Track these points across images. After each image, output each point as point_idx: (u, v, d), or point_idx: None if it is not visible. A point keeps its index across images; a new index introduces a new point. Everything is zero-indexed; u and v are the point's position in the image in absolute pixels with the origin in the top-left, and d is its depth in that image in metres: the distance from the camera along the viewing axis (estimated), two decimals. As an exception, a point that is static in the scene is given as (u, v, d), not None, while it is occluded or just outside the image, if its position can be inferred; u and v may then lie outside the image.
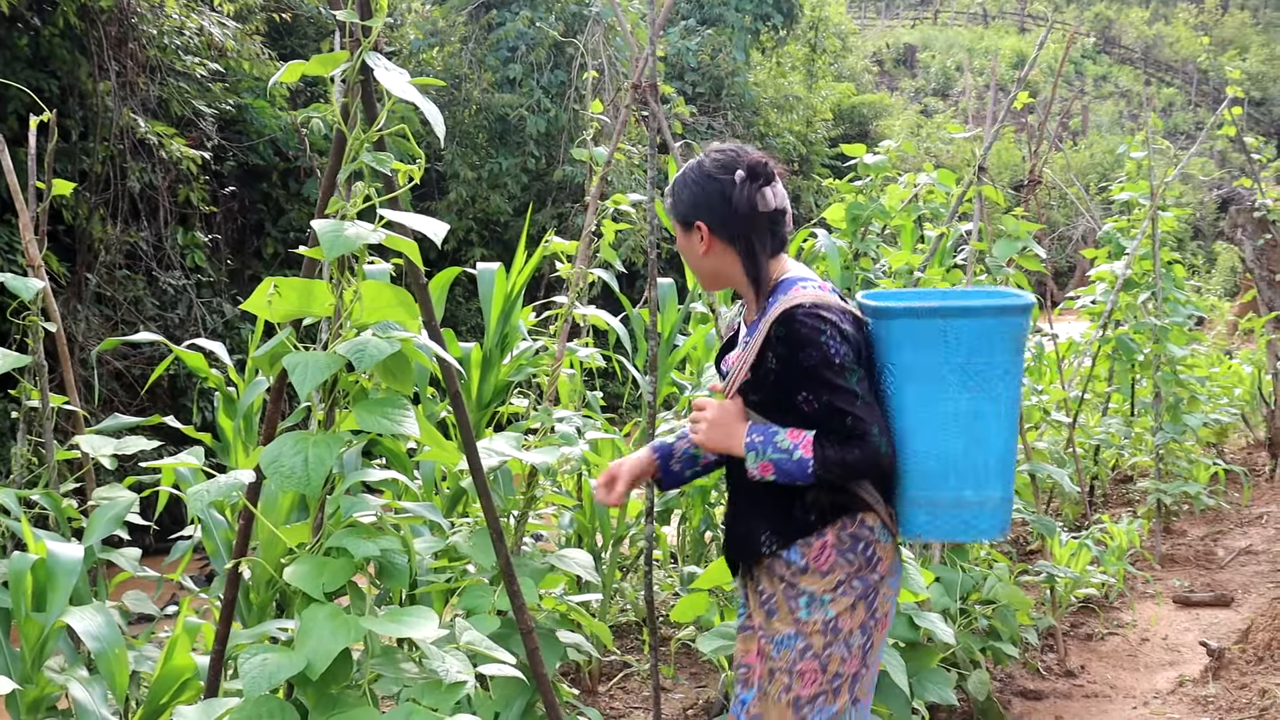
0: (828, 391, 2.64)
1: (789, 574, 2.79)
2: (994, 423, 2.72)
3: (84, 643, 3.10)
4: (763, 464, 2.70)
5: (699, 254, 2.86)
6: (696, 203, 2.83)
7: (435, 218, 2.46)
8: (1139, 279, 7.89)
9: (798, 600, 2.77)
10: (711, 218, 2.81)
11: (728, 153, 2.85)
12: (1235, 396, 10.62)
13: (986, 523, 2.78)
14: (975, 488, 2.74)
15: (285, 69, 2.46)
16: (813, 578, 2.76)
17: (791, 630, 2.78)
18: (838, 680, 2.79)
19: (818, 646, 2.77)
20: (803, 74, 25.85)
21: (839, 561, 2.76)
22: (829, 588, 2.76)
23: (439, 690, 2.37)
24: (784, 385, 2.71)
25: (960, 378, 2.69)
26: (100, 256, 10.23)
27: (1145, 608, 6.41)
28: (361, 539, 2.38)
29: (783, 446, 2.67)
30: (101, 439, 3.77)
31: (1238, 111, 9.47)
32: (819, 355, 2.65)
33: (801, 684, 2.78)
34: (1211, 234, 28.57)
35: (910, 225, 5.79)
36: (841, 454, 2.63)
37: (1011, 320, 2.71)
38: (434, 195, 15.62)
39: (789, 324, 2.68)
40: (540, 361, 4.41)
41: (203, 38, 11.15)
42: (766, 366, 2.73)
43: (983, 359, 2.69)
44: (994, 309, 2.72)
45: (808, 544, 2.76)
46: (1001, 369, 2.71)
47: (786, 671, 2.78)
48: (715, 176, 2.81)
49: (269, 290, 2.38)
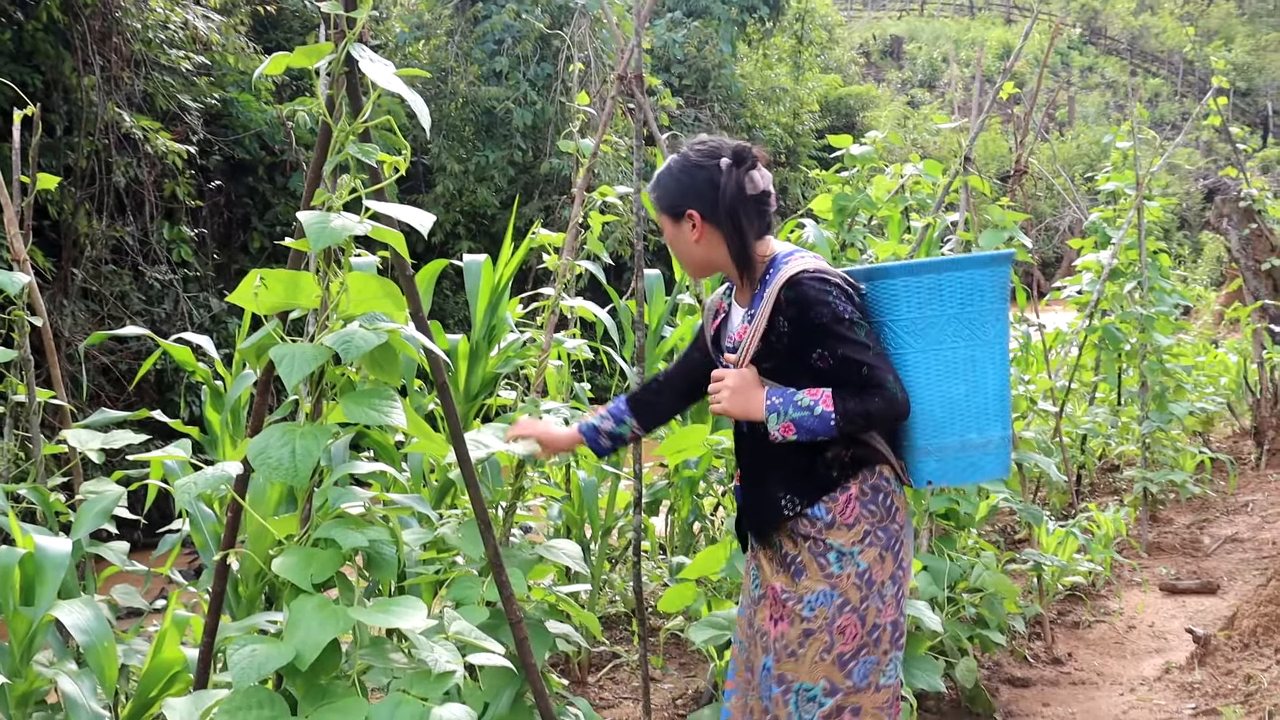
0: (841, 345, 2.75)
1: (814, 530, 2.87)
2: (989, 366, 2.90)
3: (73, 637, 3.10)
4: (784, 425, 2.78)
5: (691, 242, 2.94)
6: (686, 191, 2.90)
7: (422, 210, 2.46)
8: (1125, 269, 7.92)
9: (827, 556, 2.86)
10: (702, 204, 2.89)
11: (709, 142, 2.94)
12: (1221, 385, 10.66)
13: (991, 463, 2.94)
14: (978, 430, 2.90)
15: (270, 61, 2.46)
16: (839, 531, 2.86)
17: (825, 587, 2.86)
18: (877, 631, 2.88)
19: (855, 600, 2.85)
20: (789, 66, 25.84)
21: (863, 513, 2.87)
22: (856, 539, 2.86)
23: (428, 680, 2.37)
24: (797, 347, 2.82)
25: (956, 327, 2.87)
26: (86, 251, 10.21)
27: (1132, 595, 6.44)
28: (349, 530, 2.38)
29: (803, 404, 2.76)
30: (89, 433, 3.76)
31: (1223, 101, 9.50)
32: (829, 313, 2.75)
33: (844, 640, 2.86)
34: (1197, 224, 28.61)
35: (897, 216, 5.80)
36: (863, 404, 2.74)
37: (998, 270, 2.92)
38: (421, 188, 15.61)
39: (796, 287, 2.79)
40: (528, 353, 4.42)
41: (187, 31, 11.11)
42: (778, 331, 2.83)
43: (974, 308, 2.88)
44: (983, 260, 2.91)
45: (833, 499, 2.87)
46: (992, 315, 2.90)
47: (826, 629, 2.86)
48: (702, 164, 2.89)
49: (255, 282, 2.38)
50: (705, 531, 6.06)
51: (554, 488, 4.18)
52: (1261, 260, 11.59)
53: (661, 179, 2.97)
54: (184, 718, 2.47)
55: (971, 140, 5.19)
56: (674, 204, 2.93)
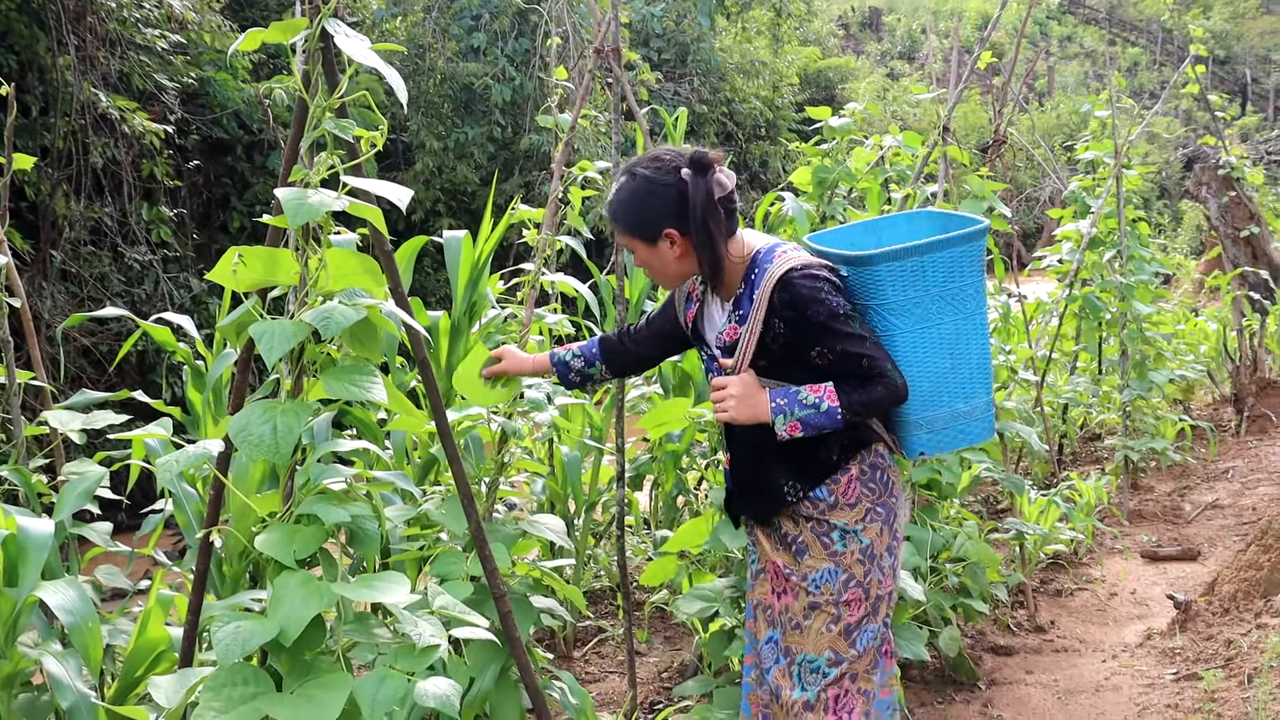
0: (840, 340, 2.79)
1: (817, 511, 2.95)
2: (971, 337, 2.98)
3: (57, 617, 3.10)
4: (791, 424, 2.82)
5: (671, 260, 2.91)
6: (658, 212, 2.85)
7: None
8: (1104, 237, 7.94)
9: (830, 536, 2.94)
10: (679, 221, 2.84)
11: (662, 157, 2.87)
12: (1201, 353, 10.71)
13: (978, 428, 3.03)
14: (965, 398, 2.98)
15: (245, 37, 2.45)
16: (842, 511, 2.94)
17: (830, 565, 2.94)
18: (879, 601, 2.99)
19: (859, 575, 2.95)
20: (768, 39, 25.77)
21: (863, 491, 2.95)
22: (859, 517, 2.95)
23: (412, 654, 2.38)
24: (795, 345, 2.85)
25: (939, 305, 2.92)
26: (64, 233, 10.15)
27: (1114, 563, 6.48)
28: (332, 505, 2.39)
29: (808, 403, 2.80)
30: (70, 414, 3.75)
31: (1201, 70, 9.53)
32: (825, 310, 2.78)
33: (850, 612, 2.95)
34: (1177, 193, 28.72)
35: (876, 188, 5.80)
36: (867, 394, 2.79)
37: (976, 244, 2.97)
38: (400, 166, 15.55)
39: (789, 288, 2.80)
40: (509, 329, 4.42)
41: (163, 10, 11.03)
42: (774, 332, 2.85)
43: (955, 284, 2.93)
44: (962, 238, 2.94)
45: (835, 481, 2.94)
46: (971, 289, 2.96)
47: (833, 604, 2.95)
48: (665, 182, 2.84)
49: (234, 260, 2.37)
50: (689, 505, 6.07)
51: (537, 463, 4.20)
52: (1240, 228, 11.65)
53: (624, 203, 2.91)
54: (169, 696, 2.47)
55: (950, 111, 5.19)
56: (647, 227, 2.88)
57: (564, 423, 5.06)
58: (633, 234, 2.91)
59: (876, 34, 48.17)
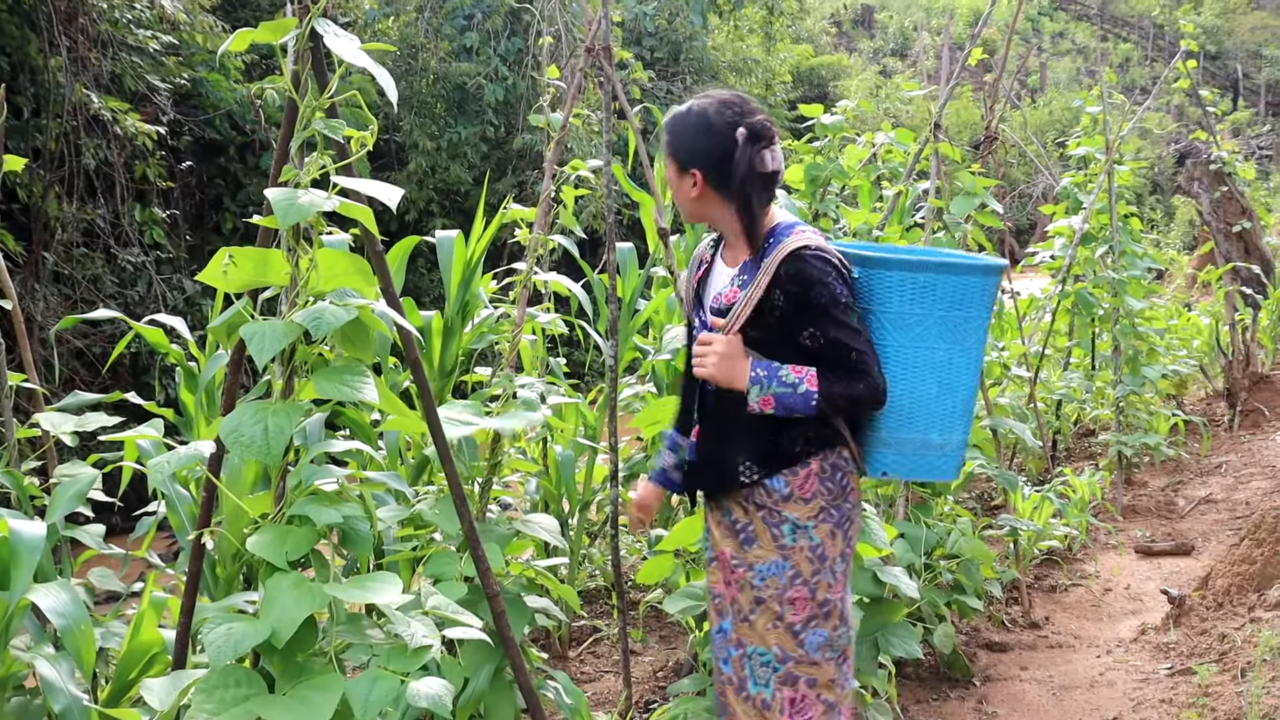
0: (834, 328, 2.77)
1: (770, 501, 2.90)
2: (963, 371, 2.93)
3: (50, 620, 3.09)
4: (764, 398, 2.80)
5: (688, 196, 2.95)
6: (696, 150, 2.90)
7: (395, 187, 2.45)
8: (1096, 233, 7.94)
9: (780, 527, 2.89)
10: (709, 169, 2.88)
11: (734, 106, 2.89)
12: (1194, 348, 10.72)
13: (946, 464, 2.98)
14: (941, 431, 2.93)
15: (234, 37, 2.44)
16: (796, 504, 2.88)
17: (777, 557, 2.90)
18: (827, 605, 2.93)
19: (807, 573, 2.89)
20: (760, 37, 25.78)
21: (820, 489, 2.90)
22: (811, 514, 2.89)
23: (404, 655, 2.38)
24: (789, 322, 2.82)
25: (940, 329, 2.88)
26: (57, 235, 10.14)
27: (1108, 558, 6.48)
28: (323, 506, 2.38)
29: (787, 381, 2.78)
30: (62, 416, 3.74)
31: (1192, 65, 9.53)
32: (828, 294, 2.76)
33: (794, 611, 2.90)
34: (1170, 188, 28.77)
35: (868, 185, 5.81)
36: (847, 388, 2.77)
37: (991, 279, 2.93)
38: (394, 166, 15.55)
39: (799, 262, 2.79)
40: (502, 328, 4.41)
41: (154, 11, 11.02)
42: (773, 304, 2.82)
43: (961, 312, 2.89)
44: (979, 268, 2.91)
45: (794, 472, 2.88)
46: (976, 322, 2.92)
47: (777, 599, 2.90)
48: (720, 131, 2.87)
49: (224, 261, 2.37)
50: (684, 504, 6.07)
51: (531, 463, 4.19)
52: (1232, 223, 11.65)
53: (677, 126, 2.96)
54: (162, 698, 2.47)
55: (941, 107, 5.20)
56: (683, 159, 2.93)
57: (557, 422, 5.07)
58: (671, 153, 2.96)
59: (869, 31, 48.21)
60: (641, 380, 6.25)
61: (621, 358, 5.78)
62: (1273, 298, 11.39)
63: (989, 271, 2.91)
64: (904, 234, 5.39)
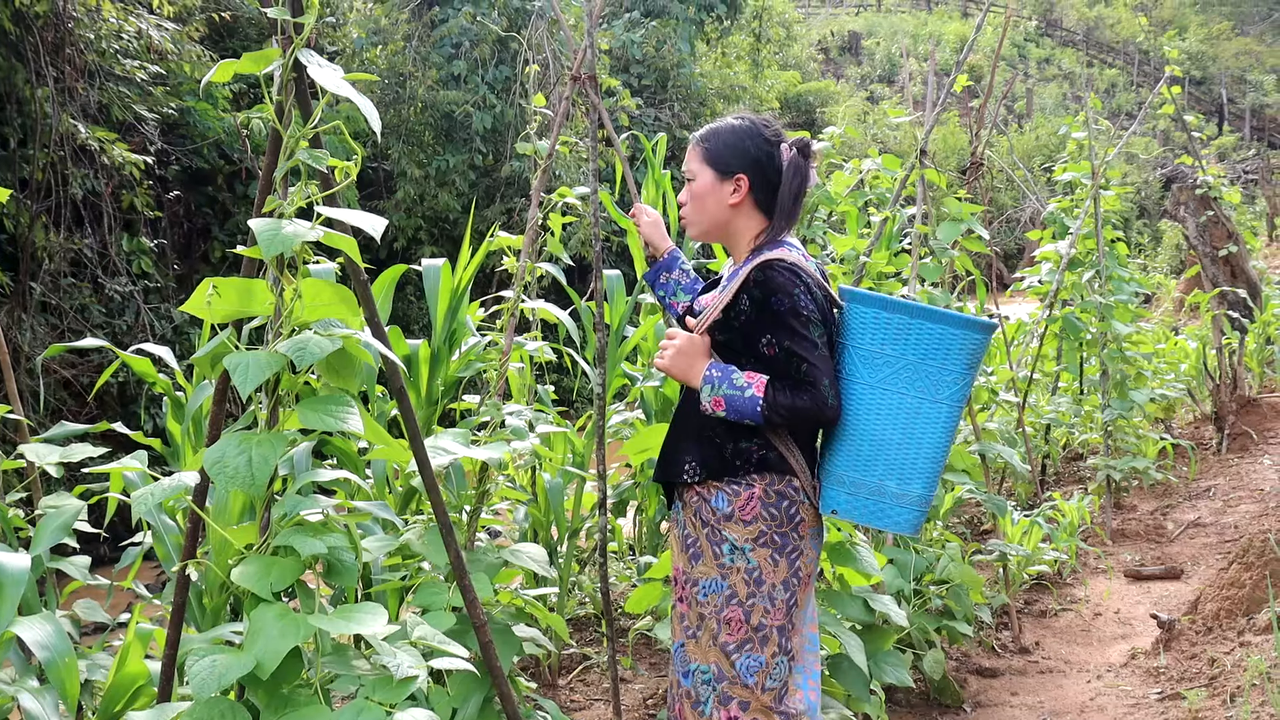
0: (789, 337, 2.80)
1: (714, 519, 2.94)
2: (932, 424, 2.87)
3: (34, 653, 3.07)
4: (715, 398, 2.86)
5: (725, 204, 3.02)
6: (746, 156, 2.99)
7: (383, 216, 2.46)
8: (1083, 258, 7.98)
9: (720, 546, 2.94)
10: (757, 176, 2.99)
11: (772, 125, 3.03)
12: (1181, 372, 10.75)
13: (901, 516, 2.92)
14: (899, 480, 2.89)
15: (217, 68, 2.45)
16: (736, 525, 2.92)
17: (717, 575, 2.95)
18: (763, 630, 2.93)
19: (741, 595, 2.93)
20: (748, 64, 25.90)
21: (762, 514, 2.91)
22: (750, 537, 2.91)
23: (390, 685, 2.37)
24: (751, 328, 2.87)
25: (909, 375, 2.85)
26: (44, 265, 10.11)
27: (1097, 583, 6.48)
28: (308, 537, 2.38)
29: (737, 384, 2.83)
30: (47, 447, 3.73)
31: (1176, 90, 9.59)
32: (789, 303, 2.81)
33: (729, 631, 2.94)
34: (1156, 213, 28.86)
35: (855, 211, 5.82)
36: (792, 399, 2.79)
37: (972, 335, 2.87)
38: (382, 194, 15.55)
39: (767, 270, 2.85)
40: (489, 356, 4.41)
41: (142, 41, 11.01)
42: (739, 308, 2.89)
43: (934, 363, 2.85)
44: (959, 320, 2.86)
45: (736, 492, 2.92)
46: (952, 376, 2.86)
47: (715, 618, 2.95)
48: (769, 139, 3.00)
49: (208, 291, 2.36)
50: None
51: (519, 491, 4.18)
52: (1219, 247, 11.71)
53: (720, 134, 3.02)
54: (147, 731, 2.45)
55: (926, 133, 5.22)
56: (727, 162, 2.99)
57: (546, 450, 5.05)
58: (711, 161, 3.02)
59: (856, 58, 48.42)
60: (630, 407, 6.24)
61: (610, 385, 5.78)
62: (1259, 321, 11.44)
63: (969, 326, 2.86)
64: (891, 259, 5.41)
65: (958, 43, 44.30)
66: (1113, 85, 47.83)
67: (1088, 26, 53.86)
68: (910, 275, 5.23)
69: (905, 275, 5.37)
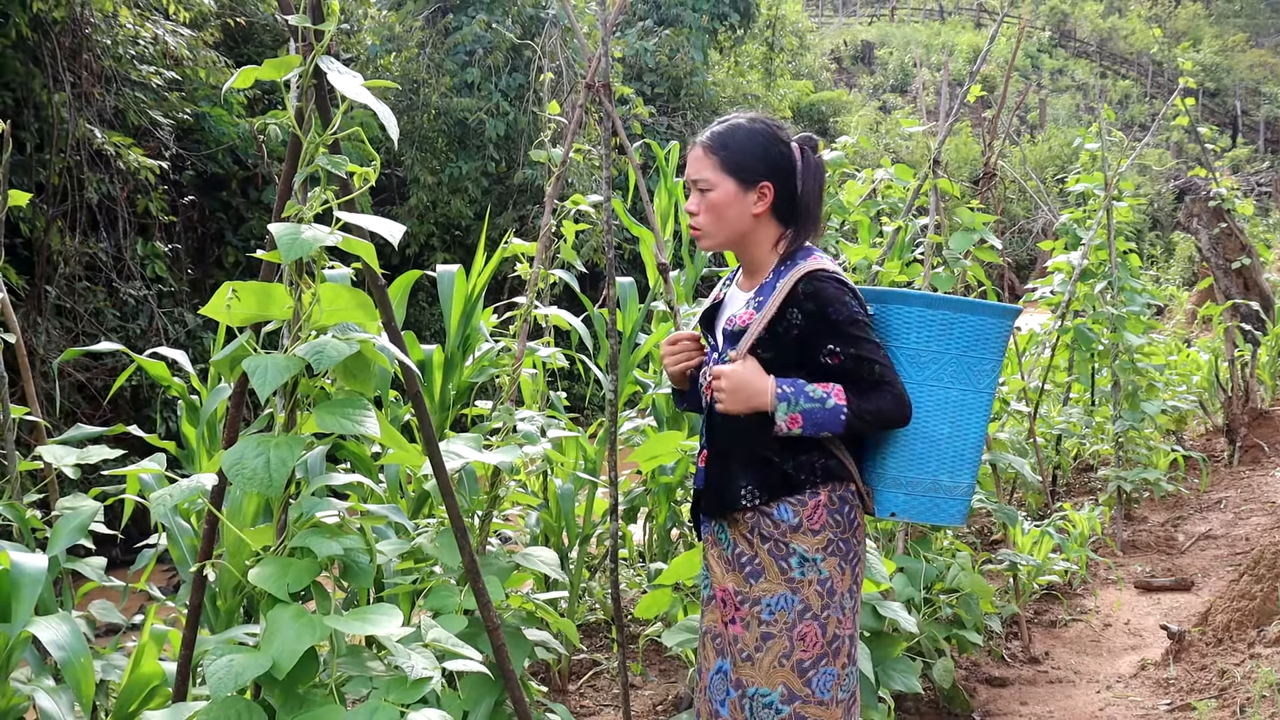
0: (854, 344, 2.73)
1: (778, 532, 2.80)
2: (976, 414, 2.91)
3: (50, 653, 3.10)
4: (793, 415, 2.71)
5: (749, 214, 2.85)
6: (768, 162, 2.84)
7: (397, 222, 2.47)
8: (1095, 269, 7.97)
9: (789, 560, 2.79)
10: (781, 182, 2.85)
11: (782, 123, 2.91)
12: (1193, 384, 10.73)
13: (954, 508, 2.94)
14: (951, 473, 2.90)
15: (238, 75, 2.47)
16: (804, 536, 2.79)
17: (786, 590, 2.79)
18: (837, 642, 2.83)
19: (816, 607, 2.79)
20: (760, 73, 25.92)
21: (829, 521, 2.81)
22: (820, 546, 2.80)
23: (404, 686, 2.39)
24: (806, 340, 2.77)
25: (956, 368, 2.87)
26: (60, 268, 10.16)
27: (1107, 593, 6.48)
28: (325, 539, 2.40)
29: (815, 396, 2.70)
30: (64, 449, 3.76)
31: (1190, 102, 9.58)
32: (846, 312, 2.74)
33: (804, 647, 2.79)
34: (1169, 224, 28.83)
35: (867, 221, 5.84)
36: (874, 401, 2.72)
37: (1006, 323, 2.94)
38: (395, 200, 15.60)
39: (815, 282, 2.76)
40: (502, 362, 4.43)
41: (158, 47, 11.08)
42: (788, 322, 2.77)
43: (976, 354, 2.89)
44: (997, 310, 2.93)
45: (801, 502, 2.79)
46: (990, 365, 2.92)
47: (786, 635, 2.79)
48: (785, 141, 2.87)
49: (228, 295, 2.39)
50: (684, 538, 6.07)
51: (531, 496, 4.20)
52: (1232, 259, 11.70)
53: (737, 138, 2.84)
54: (163, 730, 2.47)
55: (940, 143, 5.23)
56: (750, 169, 2.83)
57: (557, 456, 5.07)
58: (730, 170, 2.84)
59: (869, 67, 48.42)
60: (642, 414, 6.26)
61: (622, 392, 5.80)
62: (1272, 334, 11.41)
63: (1005, 314, 2.93)
64: (903, 269, 5.42)
65: (970, 53, 44.31)
66: (1126, 96, 47.79)
67: (1101, 38, 53.80)
68: (923, 285, 5.24)
69: (918, 285, 5.38)
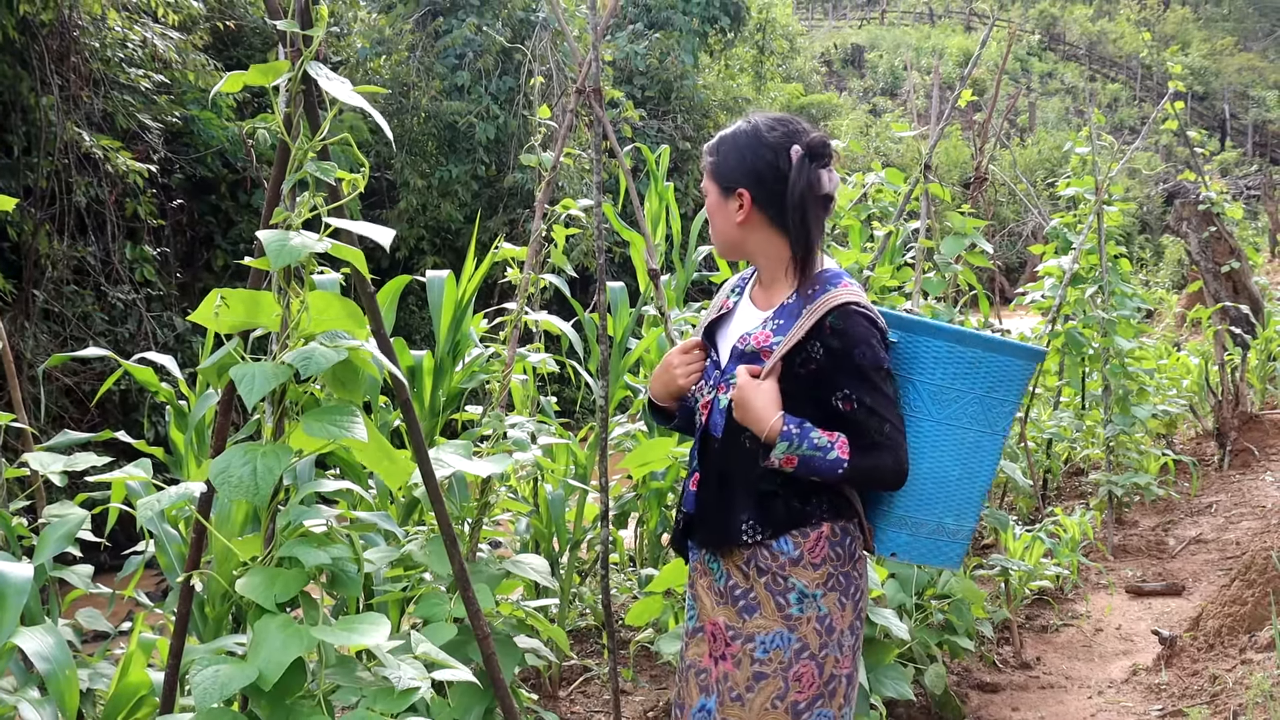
0: (870, 394, 2.57)
1: (776, 565, 2.65)
2: (988, 457, 2.80)
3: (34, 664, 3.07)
4: (789, 456, 2.56)
5: (733, 222, 2.72)
6: (745, 169, 2.69)
7: (386, 226, 2.45)
8: (1086, 273, 7.98)
9: (787, 596, 2.65)
10: (759, 190, 2.67)
11: (785, 123, 2.71)
12: (1183, 388, 10.75)
13: (954, 552, 2.83)
14: (956, 517, 2.79)
15: (226, 79, 2.45)
16: (805, 570, 2.64)
17: (783, 628, 2.65)
18: (833, 683, 2.69)
19: (814, 646, 2.65)
20: (751, 76, 25.95)
21: (830, 554, 2.66)
22: (820, 581, 2.65)
23: (393, 696, 2.37)
24: (822, 378, 2.62)
25: (976, 409, 2.75)
26: (47, 272, 10.13)
27: (1099, 598, 6.48)
28: (312, 548, 2.37)
29: (819, 444, 2.55)
30: (51, 456, 3.73)
31: (1179, 106, 9.60)
32: (872, 356, 2.58)
33: (799, 688, 2.65)
34: (1159, 228, 28.89)
35: (858, 225, 5.83)
36: (875, 460, 2.57)
37: (1032, 365, 2.83)
38: (385, 204, 15.57)
39: (847, 318, 2.59)
40: (492, 368, 4.41)
41: (146, 50, 11.05)
42: (808, 355, 2.61)
43: (999, 395, 2.77)
44: (1025, 352, 2.80)
45: (803, 534, 2.65)
46: (1009, 408, 2.80)
47: (781, 676, 2.64)
48: (771, 146, 2.66)
49: (216, 302, 2.37)
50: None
51: (521, 502, 4.18)
52: (1221, 262, 11.72)
53: (723, 146, 2.73)
54: (149, 741, 2.45)
55: (931, 148, 5.23)
56: (727, 177, 2.71)
57: (548, 462, 5.06)
58: (715, 177, 2.74)
59: (859, 70, 48.51)
60: (632, 419, 6.24)
61: (612, 397, 5.78)
62: (1261, 337, 11.44)
63: (1033, 356, 2.82)
64: (894, 274, 5.42)
65: (960, 56, 44.39)
66: (1115, 100, 47.91)
67: (1090, 41, 53.92)
68: (914, 289, 5.23)
69: (909, 289, 5.37)
